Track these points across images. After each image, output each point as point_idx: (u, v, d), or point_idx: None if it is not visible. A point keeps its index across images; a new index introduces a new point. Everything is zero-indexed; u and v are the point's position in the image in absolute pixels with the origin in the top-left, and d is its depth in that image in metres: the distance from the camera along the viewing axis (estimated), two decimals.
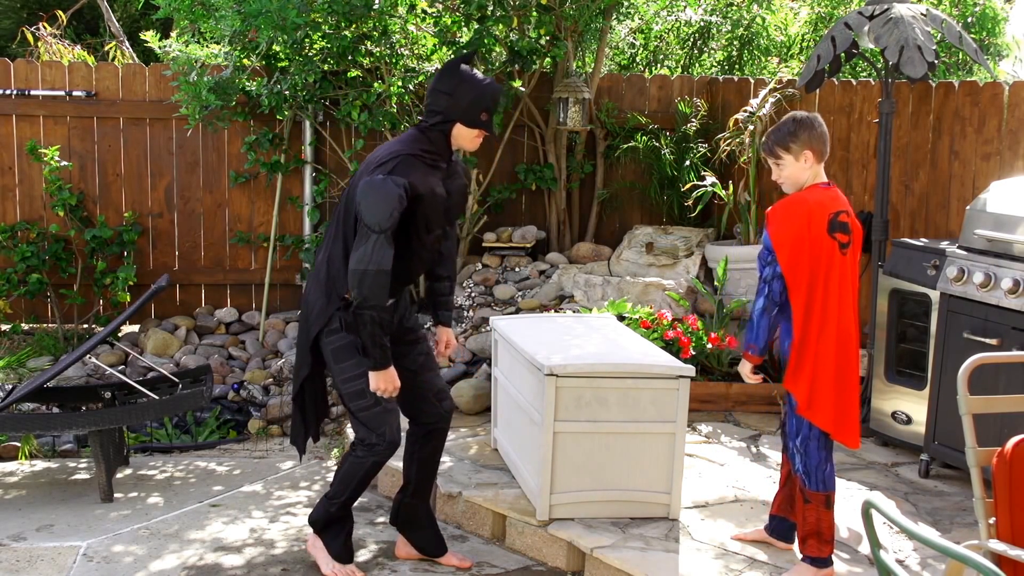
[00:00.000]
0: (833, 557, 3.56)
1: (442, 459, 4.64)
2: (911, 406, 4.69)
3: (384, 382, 3.57)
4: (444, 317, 4.04)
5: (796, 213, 3.40)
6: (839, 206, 3.45)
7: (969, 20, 8.12)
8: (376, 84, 6.15)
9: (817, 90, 5.95)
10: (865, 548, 3.79)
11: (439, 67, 3.52)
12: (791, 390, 3.48)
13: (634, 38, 8.68)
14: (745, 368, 3.55)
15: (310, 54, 6.14)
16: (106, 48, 8.60)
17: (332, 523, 3.83)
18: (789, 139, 3.43)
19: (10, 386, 5.38)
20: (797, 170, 3.46)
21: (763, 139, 3.51)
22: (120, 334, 6.57)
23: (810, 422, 3.46)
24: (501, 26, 6.38)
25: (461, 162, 3.84)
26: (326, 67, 6.19)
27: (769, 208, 3.50)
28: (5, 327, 6.61)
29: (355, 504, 4.52)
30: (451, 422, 3.93)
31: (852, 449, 3.53)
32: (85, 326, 6.62)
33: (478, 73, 3.62)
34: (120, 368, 6.04)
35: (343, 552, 3.81)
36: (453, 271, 4.02)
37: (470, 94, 3.54)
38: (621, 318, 5.37)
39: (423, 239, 3.62)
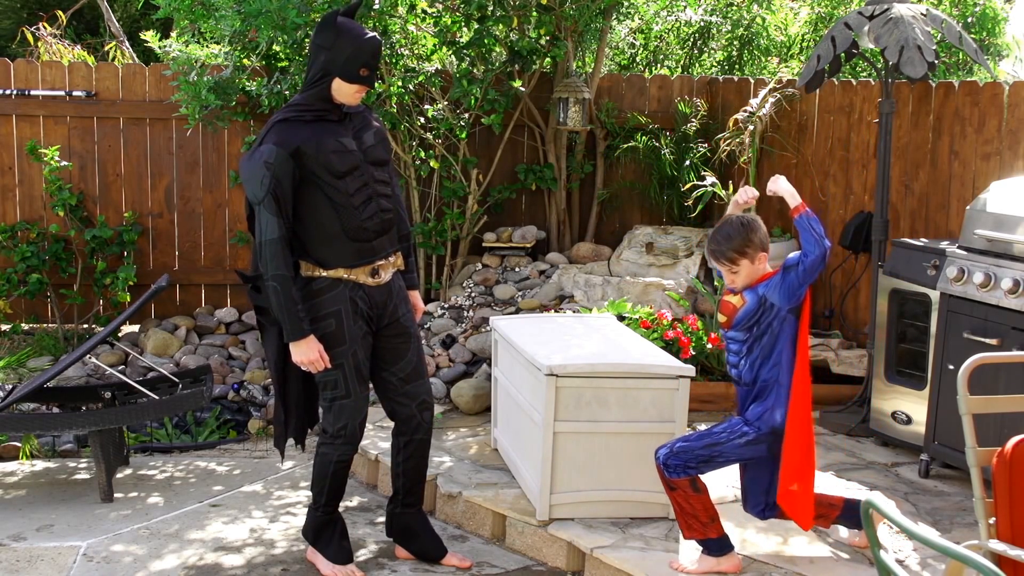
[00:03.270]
0: (732, 544, 3.61)
1: (442, 459, 4.65)
2: (911, 406, 4.69)
3: (303, 354, 3.54)
4: (408, 280, 3.94)
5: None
6: None
7: (969, 20, 8.12)
8: (376, 84, 6.15)
9: (817, 90, 5.95)
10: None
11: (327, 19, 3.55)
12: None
13: (634, 38, 8.68)
14: (796, 195, 3.45)
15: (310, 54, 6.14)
16: (106, 48, 8.60)
17: (322, 530, 3.83)
18: (746, 246, 3.43)
19: (10, 386, 5.38)
20: (755, 271, 3.48)
21: (709, 246, 3.49)
22: (120, 334, 6.57)
23: (705, 447, 3.49)
24: (501, 26, 6.38)
25: (369, 110, 3.83)
26: None
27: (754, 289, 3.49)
28: (5, 327, 6.61)
29: (354, 504, 4.53)
30: (432, 432, 3.89)
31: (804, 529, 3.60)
32: (85, 326, 6.62)
33: (358, 27, 3.56)
34: (120, 368, 6.04)
35: (340, 554, 3.81)
36: (407, 230, 3.94)
37: (348, 49, 3.51)
38: (621, 318, 5.37)
39: (340, 189, 3.57)
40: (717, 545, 3.57)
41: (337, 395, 3.66)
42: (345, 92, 3.58)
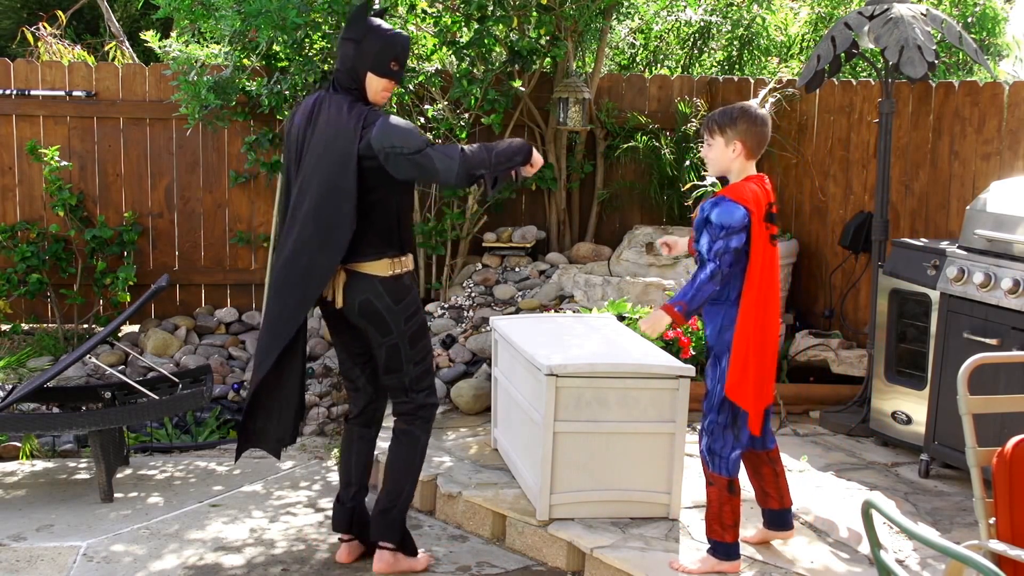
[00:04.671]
0: (740, 552, 3.61)
1: (442, 459, 4.65)
2: (911, 406, 4.69)
3: (537, 156, 3.60)
4: None
5: (752, 196, 3.44)
6: (771, 198, 3.53)
7: (969, 20, 8.12)
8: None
9: (817, 90, 5.95)
10: (865, 548, 3.79)
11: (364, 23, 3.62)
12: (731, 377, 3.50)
13: (634, 38, 8.68)
14: (662, 323, 3.41)
15: (310, 54, 6.14)
16: (106, 48, 8.60)
17: (406, 530, 3.79)
18: (728, 124, 3.46)
19: (10, 386, 5.38)
20: (723, 156, 3.50)
21: (707, 113, 3.56)
22: (120, 334, 6.57)
23: (720, 408, 3.50)
24: (501, 26, 6.38)
25: None
26: (326, 67, 6.18)
27: (721, 189, 3.52)
28: (5, 327, 6.61)
29: None
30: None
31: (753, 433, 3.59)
32: (85, 326, 6.62)
33: (386, 23, 3.60)
34: (120, 368, 6.04)
35: (413, 546, 3.82)
36: None
37: (379, 41, 3.53)
38: (621, 318, 5.37)
39: None
40: (725, 550, 3.57)
41: (428, 384, 3.72)
42: (375, 88, 3.58)
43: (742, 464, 3.69)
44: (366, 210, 3.52)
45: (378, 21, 3.57)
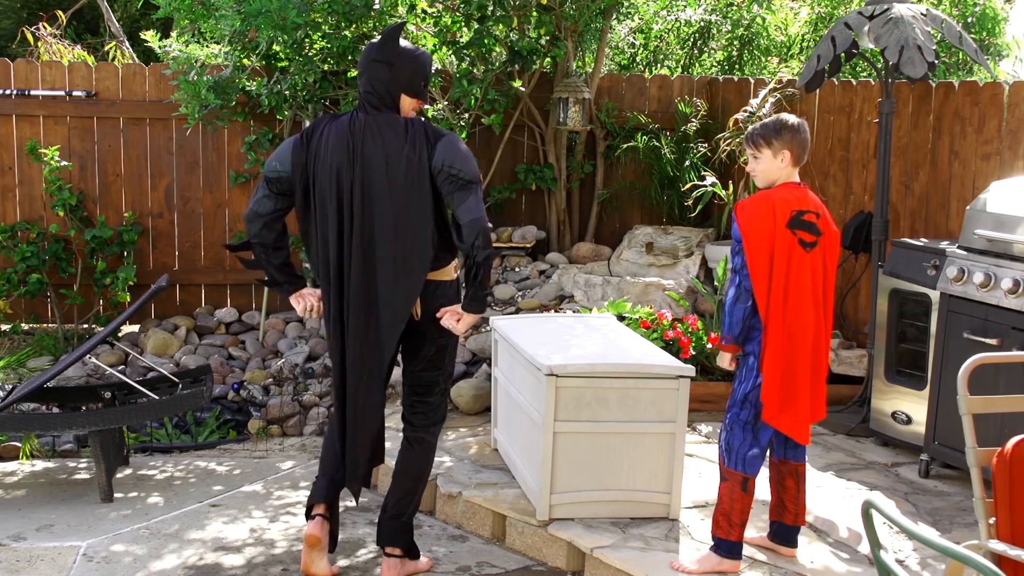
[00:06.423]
0: (743, 553, 3.60)
1: (442, 459, 4.65)
2: (911, 406, 4.69)
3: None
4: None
5: (762, 207, 3.46)
6: (806, 205, 3.50)
7: (969, 20, 8.13)
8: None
9: (817, 90, 5.95)
10: (865, 548, 3.79)
11: (374, 42, 3.58)
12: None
13: (634, 38, 8.69)
14: (724, 360, 3.60)
15: (310, 54, 6.14)
16: (106, 48, 8.60)
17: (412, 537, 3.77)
18: (773, 135, 3.52)
19: (10, 386, 5.38)
20: (772, 167, 3.54)
21: (748, 130, 3.61)
22: (120, 334, 6.57)
23: (741, 405, 3.52)
24: (501, 26, 6.38)
25: None
26: (326, 67, 6.19)
27: (738, 201, 3.55)
28: (5, 327, 6.62)
29: (353, 504, 4.53)
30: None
31: (801, 444, 3.59)
32: (85, 326, 6.62)
33: (410, 43, 3.61)
34: (120, 368, 6.04)
35: (417, 549, 3.80)
36: None
37: (412, 63, 3.52)
38: (621, 318, 5.37)
39: None
40: (728, 548, 3.57)
41: (449, 386, 3.77)
42: (406, 107, 3.55)
43: (765, 470, 3.68)
44: (437, 220, 3.50)
45: (404, 42, 3.56)
